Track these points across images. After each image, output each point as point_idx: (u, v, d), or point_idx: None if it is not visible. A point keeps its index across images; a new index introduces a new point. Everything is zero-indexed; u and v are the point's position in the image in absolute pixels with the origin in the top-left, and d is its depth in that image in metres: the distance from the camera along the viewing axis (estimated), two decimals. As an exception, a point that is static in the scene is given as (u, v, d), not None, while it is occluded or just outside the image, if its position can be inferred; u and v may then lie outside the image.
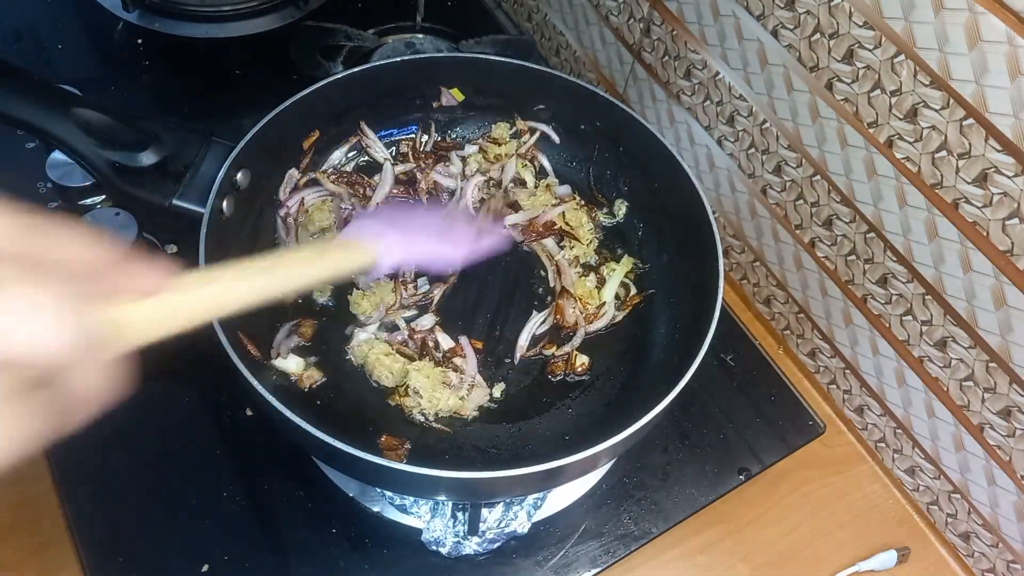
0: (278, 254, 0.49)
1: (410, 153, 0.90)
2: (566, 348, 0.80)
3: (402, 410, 0.75)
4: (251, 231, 0.80)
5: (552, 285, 0.85)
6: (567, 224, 0.87)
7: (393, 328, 0.79)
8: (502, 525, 0.72)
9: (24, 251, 0.29)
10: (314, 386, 0.75)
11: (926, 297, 0.73)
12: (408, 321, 0.80)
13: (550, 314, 0.82)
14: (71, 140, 0.67)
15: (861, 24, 0.68)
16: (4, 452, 0.28)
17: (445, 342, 0.78)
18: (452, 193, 0.89)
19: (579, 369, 0.79)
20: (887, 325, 0.79)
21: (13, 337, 0.27)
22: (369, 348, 0.76)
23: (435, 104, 0.90)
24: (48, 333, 0.27)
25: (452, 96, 0.90)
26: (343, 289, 0.81)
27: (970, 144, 0.63)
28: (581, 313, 0.82)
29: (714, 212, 0.78)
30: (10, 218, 0.29)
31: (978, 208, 0.65)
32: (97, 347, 0.30)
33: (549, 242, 0.87)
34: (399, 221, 0.65)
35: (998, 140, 0.61)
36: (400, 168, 0.89)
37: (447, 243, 0.66)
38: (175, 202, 0.71)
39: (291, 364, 0.74)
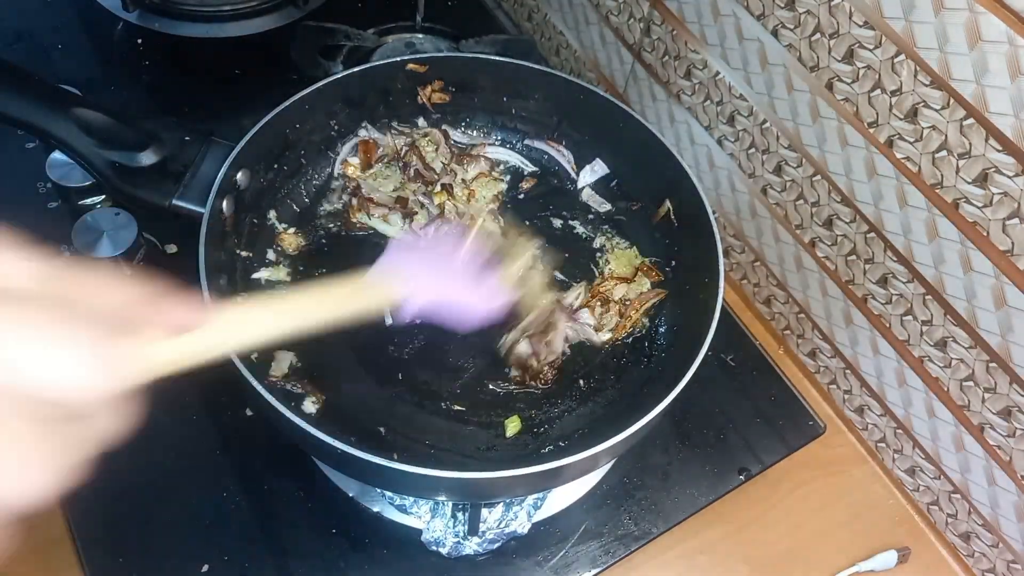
0: (305, 290, 0.48)
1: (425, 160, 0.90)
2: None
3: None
4: (251, 231, 0.80)
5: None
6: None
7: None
8: (502, 525, 0.72)
9: (55, 294, 0.30)
10: (313, 389, 0.75)
11: (926, 297, 0.73)
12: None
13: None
14: (71, 140, 0.67)
15: (861, 24, 0.68)
16: (30, 489, 0.29)
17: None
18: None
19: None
20: (887, 325, 0.79)
21: (48, 377, 0.28)
22: None
23: (429, 103, 0.90)
24: (80, 373, 0.29)
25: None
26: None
27: (970, 144, 0.63)
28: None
29: (714, 212, 0.77)
30: (39, 263, 0.30)
31: (978, 208, 0.65)
32: (121, 383, 0.30)
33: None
34: (436, 255, 0.63)
35: (998, 140, 0.61)
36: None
37: (480, 293, 0.63)
38: (175, 202, 0.71)
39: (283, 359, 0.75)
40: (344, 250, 0.84)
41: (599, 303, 0.82)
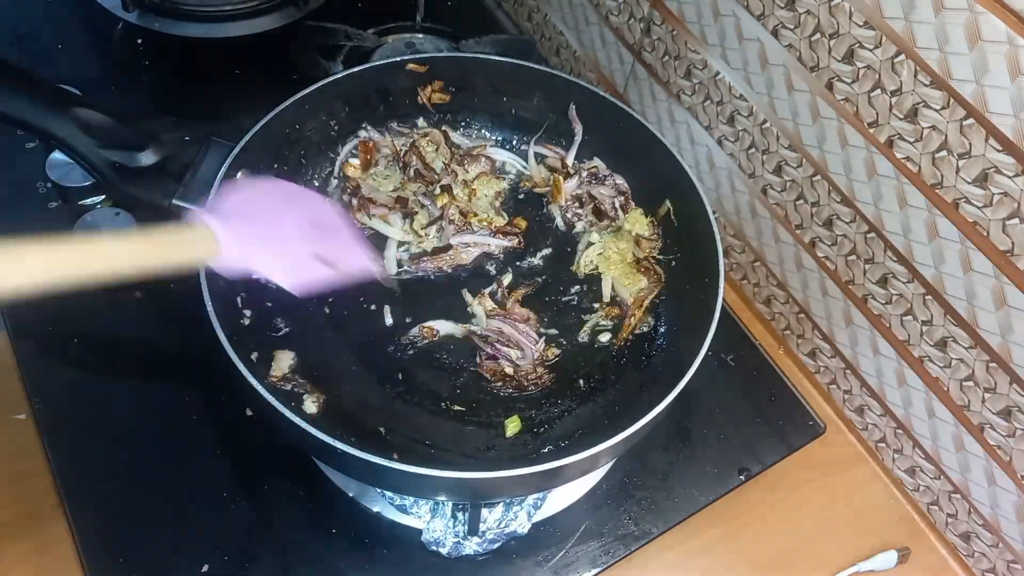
0: (107, 236, 0.47)
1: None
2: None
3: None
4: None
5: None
6: None
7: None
8: (502, 525, 0.72)
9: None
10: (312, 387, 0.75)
11: (926, 297, 0.73)
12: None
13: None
14: (71, 140, 0.67)
15: (861, 24, 0.68)
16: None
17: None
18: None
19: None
20: (887, 325, 0.79)
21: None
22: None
23: (428, 103, 0.90)
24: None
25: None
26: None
27: (970, 144, 0.63)
28: None
29: (714, 212, 0.78)
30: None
31: (978, 208, 0.65)
32: None
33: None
34: (276, 210, 0.59)
35: (998, 140, 0.61)
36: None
37: (322, 258, 0.61)
38: (175, 202, 0.71)
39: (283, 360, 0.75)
40: (344, 250, 0.84)
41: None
